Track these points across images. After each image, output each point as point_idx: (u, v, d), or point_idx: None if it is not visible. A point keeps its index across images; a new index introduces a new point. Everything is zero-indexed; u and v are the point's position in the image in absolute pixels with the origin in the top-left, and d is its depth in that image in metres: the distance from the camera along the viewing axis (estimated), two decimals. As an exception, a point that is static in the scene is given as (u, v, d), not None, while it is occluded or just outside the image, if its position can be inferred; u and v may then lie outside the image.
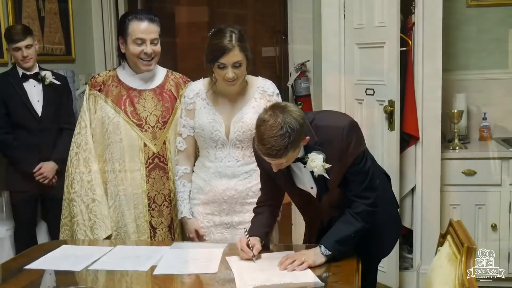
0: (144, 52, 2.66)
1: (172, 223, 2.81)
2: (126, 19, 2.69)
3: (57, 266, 2.26)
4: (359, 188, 2.22)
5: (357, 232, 2.22)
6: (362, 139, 2.25)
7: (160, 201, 2.77)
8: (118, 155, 2.72)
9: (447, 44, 3.96)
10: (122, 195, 2.73)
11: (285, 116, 2.01)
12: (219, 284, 2.09)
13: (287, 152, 2.03)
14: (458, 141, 3.92)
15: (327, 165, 2.16)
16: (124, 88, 2.76)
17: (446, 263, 1.86)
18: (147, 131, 2.73)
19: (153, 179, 2.75)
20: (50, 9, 4.35)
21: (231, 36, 2.44)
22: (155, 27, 2.69)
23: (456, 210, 3.81)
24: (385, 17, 3.47)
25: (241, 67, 2.48)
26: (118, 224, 2.75)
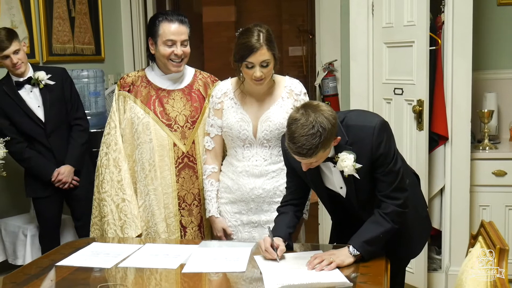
0: (174, 53, 2.68)
1: (202, 222, 2.82)
2: (156, 20, 2.70)
3: (88, 263, 2.28)
4: (388, 188, 2.21)
5: (386, 232, 2.21)
6: (392, 139, 2.24)
7: (190, 200, 2.79)
8: (148, 155, 2.74)
9: (477, 43, 3.91)
10: (152, 194, 2.75)
11: (317, 115, 2.01)
12: (246, 282, 2.09)
13: (318, 151, 2.03)
14: (488, 141, 3.87)
15: (358, 165, 2.15)
16: (153, 89, 2.78)
17: (477, 265, 1.84)
18: (177, 131, 2.75)
19: (183, 178, 2.77)
20: (80, 10, 4.41)
21: (258, 35, 2.45)
22: (185, 28, 2.70)
23: (486, 211, 3.76)
24: (414, 15, 3.44)
25: (268, 66, 2.48)
26: (148, 223, 2.77)
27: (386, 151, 2.17)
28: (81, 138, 3.65)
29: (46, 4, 4.08)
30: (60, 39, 4.21)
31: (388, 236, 2.23)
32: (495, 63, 4.17)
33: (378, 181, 2.22)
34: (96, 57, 4.61)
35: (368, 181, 2.22)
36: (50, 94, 3.53)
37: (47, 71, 3.53)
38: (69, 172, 3.58)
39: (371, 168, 2.19)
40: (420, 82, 3.44)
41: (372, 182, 2.23)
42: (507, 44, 4.15)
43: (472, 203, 3.70)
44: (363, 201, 2.30)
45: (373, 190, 2.25)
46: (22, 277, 2.17)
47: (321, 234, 4.58)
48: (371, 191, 2.25)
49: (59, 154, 3.58)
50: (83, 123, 3.70)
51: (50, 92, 3.52)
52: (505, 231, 3.72)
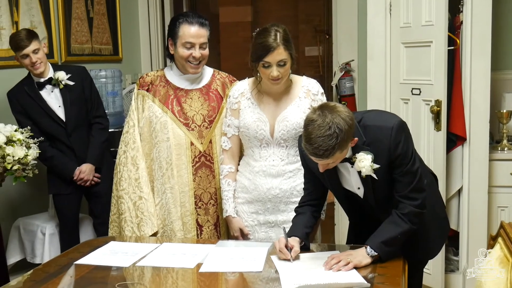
0: (193, 56, 2.70)
1: (218, 221, 2.83)
2: (177, 21, 2.71)
3: (106, 262, 2.30)
4: (406, 189, 2.19)
5: (404, 233, 2.20)
6: (410, 139, 2.23)
7: (207, 199, 2.80)
8: (165, 154, 2.76)
9: (496, 43, 3.87)
10: (169, 193, 2.77)
11: (334, 116, 2.01)
12: (263, 282, 2.10)
13: (334, 152, 2.03)
14: (506, 141, 3.83)
15: (376, 165, 2.14)
16: (171, 88, 2.80)
17: (497, 266, 1.83)
18: (194, 130, 2.77)
19: (200, 177, 2.78)
20: (98, 10, 4.44)
21: (275, 34, 2.45)
22: (205, 31, 2.72)
23: (504, 212, 3.72)
24: (432, 15, 3.42)
25: (285, 65, 2.48)
26: (165, 221, 2.79)
27: (404, 151, 2.16)
28: (101, 136, 3.70)
29: (65, 4, 4.12)
30: (78, 39, 4.25)
31: (406, 236, 2.22)
32: (514, 63, 4.13)
33: (396, 181, 2.21)
34: (114, 57, 4.64)
35: (386, 181, 2.21)
36: (70, 94, 3.57)
37: (67, 71, 3.58)
38: (90, 170, 3.63)
39: (389, 168, 2.18)
40: (438, 82, 3.42)
41: (390, 182, 2.22)
42: (526, 44, 4.11)
43: (490, 204, 3.67)
44: (381, 201, 2.29)
45: (391, 190, 2.24)
46: (42, 275, 2.19)
47: (337, 235, 4.56)
48: (389, 191, 2.24)
49: (80, 153, 3.63)
50: (103, 121, 3.75)
51: (70, 92, 3.57)
52: (524, 233, 3.69)
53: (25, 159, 3.18)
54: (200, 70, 2.78)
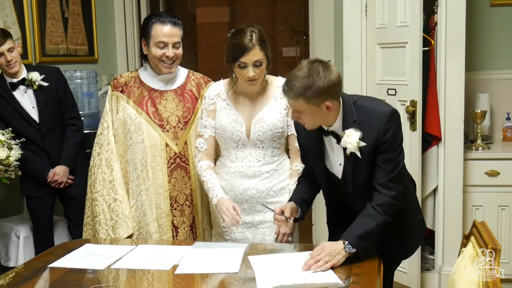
0: (166, 55, 2.69)
1: (194, 223, 2.82)
2: (149, 21, 2.71)
3: (80, 265, 2.28)
4: (386, 177, 2.21)
5: (379, 226, 2.20)
6: (400, 130, 2.26)
7: (182, 201, 2.79)
8: (140, 155, 2.74)
9: (470, 44, 3.92)
10: (144, 194, 2.76)
11: (320, 68, 2.07)
12: (239, 283, 2.09)
13: (299, 96, 2.07)
14: (481, 141, 3.88)
15: (362, 143, 2.17)
16: (145, 89, 2.78)
17: (470, 264, 1.85)
18: (169, 131, 2.75)
19: (175, 178, 2.77)
20: (74, 11, 4.40)
21: (251, 35, 2.46)
22: (178, 30, 2.71)
23: (479, 211, 3.77)
24: (407, 16, 3.45)
25: (261, 66, 2.49)
26: (140, 223, 2.77)
27: (392, 139, 2.19)
28: (76, 137, 3.66)
29: (39, 5, 4.07)
30: (53, 40, 4.20)
31: (381, 229, 2.22)
32: (488, 63, 4.19)
33: (377, 168, 2.22)
34: (89, 58, 4.60)
35: (367, 165, 2.22)
36: (44, 95, 3.53)
37: (41, 71, 3.54)
38: (64, 172, 3.59)
39: (374, 152, 2.20)
40: (413, 83, 3.45)
41: (370, 169, 2.23)
42: (499, 45, 4.17)
43: (465, 203, 3.71)
44: (358, 186, 2.29)
45: (369, 177, 2.25)
46: (15, 278, 2.16)
47: (315, 235, 4.58)
48: (367, 177, 2.25)
49: (54, 154, 3.59)
50: (78, 123, 3.71)
51: (44, 93, 3.53)
52: (497, 231, 3.74)
53: (7, 160, 3.14)
54: (174, 70, 2.77)
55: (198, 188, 2.82)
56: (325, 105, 2.11)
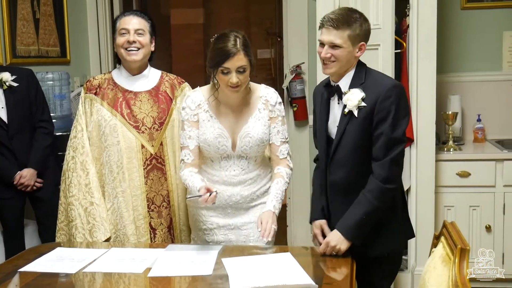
0: (128, 41, 2.69)
1: (172, 224, 2.81)
2: (116, 18, 2.77)
3: (52, 269, 2.25)
4: (381, 151, 2.29)
5: (368, 213, 2.28)
6: (403, 104, 2.33)
7: (159, 202, 2.77)
8: (116, 158, 2.72)
9: (442, 46, 3.98)
10: (121, 197, 2.73)
11: (359, 12, 2.38)
12: (212, 285, 2.09)
13: (348, 28, 2.28)
14: (452, 142, 3.94)
15: (363, 103, 2.28)
16: (119, 91, 2.77)
17: (439, 264, 1.87)
18: (144, 133, 2.74)
19: (151, 180, 2.75)
20: (45, 11, 4.34)
21: (235, 40, 2.39)
22: (141, 20, 2.74)
23: (451, 212, 3.82)
24: (379, 19, 3.48)
25: (245, 72, 2.42)
26: (117, 226, 2.75)
27: (390, 108, 2.27)
28: (45, 140, 3.60)
29: (10, 5, 4.00)
30: (24, 41, 4.14)
31: (373, 216, 2.29)
32: (459, 66, 4.26)
33: (373, 143, 2.31)
34: (62, 59, 4.54)
35: (358, 129, 2.31)
36: (14, 96, 3.47)
37: (13, 72, 3.48)
38: (32, 175, 3.52)
39: (369, 118, 2.29)
40: (385, 85, 3.47)
41: (360, 137, 2.32)
42: (470, 47, 4.24)
43: (437, 203, 3.76)
44: (343, 151, 2.37)
45: (355, 148, 2.34)
46: (-16, 283, 2.13)
47: (290, 236, 4.60)
48: (354, 145, 2.33)
49: (22, 157, 3.52)
50: (48, 125, 3.65)
51: (14, 93, 3.46)
52: (469, 231, 3.80)
53: None
54: (138, 58, 2.72)
55: (175, 189, 2.81)
56: (359, 46, 2.33)
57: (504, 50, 4.22)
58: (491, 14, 4.20)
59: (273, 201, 2.49)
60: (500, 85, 4.24)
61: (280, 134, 2.58)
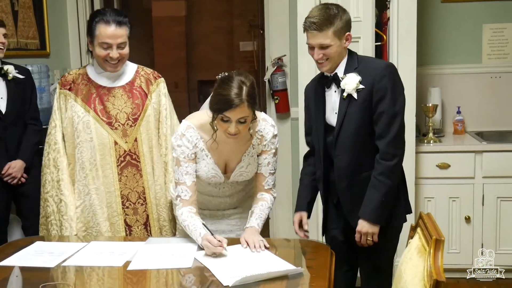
0: (110, 56, 2.63)
1: (148, 221, 2.79)
2: (93, 20, 2.64)
3: (31, 263, 2.24)
4: (384, 129, 2.38)
5: (387, 194, 2.41)
6: (398, 81, 2.44)
7: (134, 199, 2.75)
8: (89, 154, 2.69)
9: (422, 39, 4.00)
10: (94, 194, 2.71)
11: (334, 5, 2.42)
12: (192, 278, 2.11)
13: (330, 26, 2.35)
14: (432, 134, 3.97)
15: (361, 86, 2.37)
16: (93, 86, 2.73)
17: (415, 255, 1.89)
18: (117, 129, 2.71)
19: (126, 177, 2.73)
20: (24, 3, 4.29)
21: (240, 88, 2.22)
22: (123, 31, 2.64)
23: (431, 203, 3.86)
24: (360, 12, 3.49)
25: (246, 122, 2.29)
26: (89, 223, 2.72)
27: (387, 86, 2.37)
28: (35, 137, 3.59)
29: (-12, -3, 3.96)
30: (3, 33, 4.09)
31: (391, 194, 2.44)
32: (439, 58, 4.29)
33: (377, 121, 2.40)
34: (41, 52, 4.49)
35: (358, 111, 2.40)
36: (16, 88, 3.49)
37: (15, 68, 3.52)
38: (20, 167, 3.51)
39: (369, 99, 2.38)
40: (366, 77, 3.49)
41: (361, 119, 2.41)
42: (450, 40, 4.27)
43: (417, 195, 3.79)
44: (345, 135, 2.44)
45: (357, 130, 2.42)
46: (-38, 278, 2.11)
47: (272, 228, 4.61)
48: (356, 127, 2.42)
49: (11, 148, 3.50)
50: (38, 123, 3.66)
51: (16, 85, 3.48)
52: (448, 222, 3.84)
53: None
54: (119, 69, 2.72)
55: (151, 186, 2.78)
56: (345, 37, 2.42)
57: (483, 43, 4.26)
58: (471, 7, 4.23)
59: (257, 219, 2.44)
60: (480, 77, 4.28)
61: (270, 165, 2.52)
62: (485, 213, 3.82)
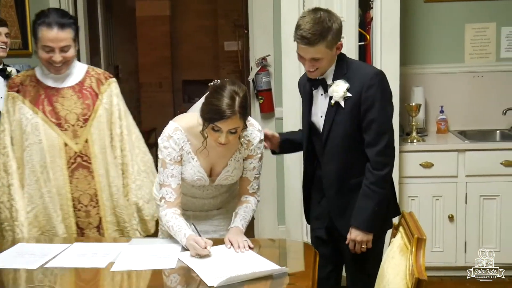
0: (53, 59, 2.58)
1: (101, 224, 2.73)
2: (36, 22, 2.58)
3: (12, 265, 2.22)
4: (374, 138, 2.36)
5: (380, 202, 2.39)
6: (387, 90, 2.42)
7: (86, 202, 2.69)
8: (39, 157, 2.63)
9: (405, 39, 4.02)
10: (47, 197, 2.65)
11: (325, 14, 2.33)
12: (176, 279, 2.10)
13: (321, 39, 2.27)
14: (416, 134, 3.99)
15: (348, 94, 2.34)
16: (41, 88, 2.67)
17: (397, 254, 1.90)
18: (67, 130, 2.65)
19: (77, 179, 2.67)
20: (6, 2, 4.25)
21: (233, 99, 2.20)
22: (66, 34, 2.56)
23: (415, 202, 3.88)
24: (343, 11, 3.49)
25: (236, 133, 2.29)
26: (45, 227, 2.67)
27: (375, 95, 2.34)
28: None
29: (-31, -4, 3.92)
30: (-16, 33, 4.05)
31: (384, 203, 2.43)
32: (422, 58, 4.31)
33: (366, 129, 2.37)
34: (23, 51, 4.45)
35: (346, 118, 2.38)
36: None
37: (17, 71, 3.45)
38: None
39: (356, 107, 2.35)
40: (349, 77, 3.50)
41: (349, 126, 2.39)
42: (433, 40, 4.29)
43: (401, 194, 3.80)
44: (333, 143, 2.43)
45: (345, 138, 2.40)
46: None
47: (257, 229, 4.61)
48: (344, 135, 2.40)
49: None
50: None
51: None
52: (432, 221, 3.86)
53: None
54: (64, 71, 2.65)
55: (104, 188, 2.73)
56: (337, 46, 2.37)
57: (466, 43, 4.29)
58: (454, 6, 4.26)
59: (241, 220, 2.43)
60: (462, 77, 4.31)
61: (255, 170, 2.51)
62: (468, 211, 3.85)
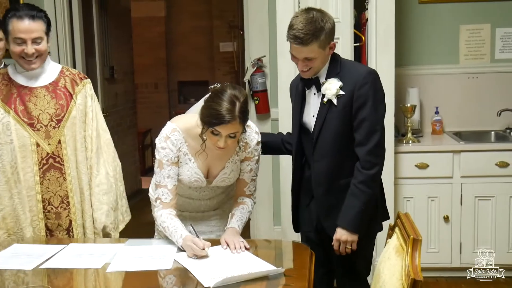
0: (25, 52, 2.55)
1: (71, 226, 2.69)
2: (6, 17, 2.56)
3: (8, 265, 2.21)
4: (364, 137, 2.36)
5: (367, 202, 2.39)
6: (379, 89, 2.43)
7: (57, 203, 2.66)
8: (10, 157, 2.60)
9: (400, 40, 4.03)
10: (17, 198, 2.62)
11: (318, 14, 2.33)
12: (172, 280, 2.10)
13: (314, 39, 2.27)
14: (411, 135, 4.00)
15: (341, 92, 2.35)
16: (14, 86, 2.63)
17: (393, 255, 1.90)
18: (40, 130, 2.62)
19: (48, 180, 2.64)
20: (1, 3, 4.24)
21: (233, 104, 2.20)
22: (38, 25, 2.55)
23: (410, 203, 3.89)
24: (339, 13, 3.51)
25: (235, 137, 2.29)
26: (13, 229, 2.63)
27: (368, 94, 2.35)
28: None
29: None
30: (-21, 33, 4.04)
31: (371, 203, 2.43)
32: (417, 59, 4.32)
33: (357, 128, 2.38)
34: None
35: (338, 117, 2.38)
36: None
37: None
38: None
39: (349, 106, 2.36)
40: (345, 78, 3.51)
41: (340, 125, 2.39)
42: (428, 41, 4.31)
43: (396, 195, 3.82)
44: (323, 143, 2.43)
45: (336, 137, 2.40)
46: None
47: (253, 229, 4.61)
48: (335, 134, 2.40)
49: None
50: None
51: None
52: (427, 222, 3.87)
53: None
54: (38, 65, 2.61)
55: (76, 190, 2.69)
56: (330, 46, 2.37)
57: (460, 44, 4.30)
58: (448, 7, 4.27)
59: (238, 221, 2.44)
60: (457, 78, 4.32)
61: (252, 172, 2.52)
62: (464, 212, 3.86)
